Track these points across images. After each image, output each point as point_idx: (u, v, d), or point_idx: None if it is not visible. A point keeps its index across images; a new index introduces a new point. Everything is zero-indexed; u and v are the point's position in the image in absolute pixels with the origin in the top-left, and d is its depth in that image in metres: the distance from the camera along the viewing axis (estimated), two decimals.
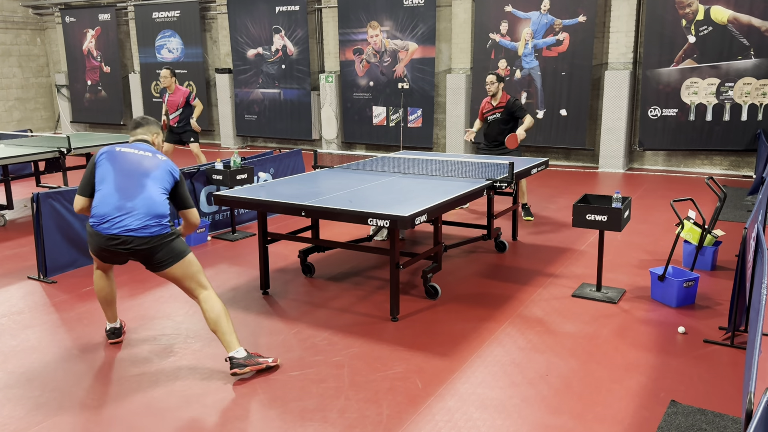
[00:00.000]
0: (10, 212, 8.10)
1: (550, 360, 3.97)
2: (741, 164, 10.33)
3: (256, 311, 4.83)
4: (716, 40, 9.84)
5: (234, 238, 6.90)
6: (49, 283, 5.54)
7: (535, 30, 11.02)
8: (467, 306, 4.86)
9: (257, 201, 4.81)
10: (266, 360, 3.85)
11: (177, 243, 3.86)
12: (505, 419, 3.33)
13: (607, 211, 4.74)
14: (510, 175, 5.26)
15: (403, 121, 12.50)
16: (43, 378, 3.85)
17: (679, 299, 4.74)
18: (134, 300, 5.10)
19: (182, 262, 3.84)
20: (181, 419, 3.39)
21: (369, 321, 4.61)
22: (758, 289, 2.99)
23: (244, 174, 6.71)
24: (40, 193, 5.58)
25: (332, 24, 13.08)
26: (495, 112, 7.29)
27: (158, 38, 15.11)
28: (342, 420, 3.34)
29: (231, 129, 14.55)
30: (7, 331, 4.56)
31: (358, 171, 6.09)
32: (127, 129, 16.12)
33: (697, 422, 3.25)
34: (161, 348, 4.23)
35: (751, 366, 2.32)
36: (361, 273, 5.68)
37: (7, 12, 16.57)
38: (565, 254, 6.11)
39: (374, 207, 4.42)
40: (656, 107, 10.41)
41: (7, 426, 3.34)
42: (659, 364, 3.90)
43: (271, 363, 3.86)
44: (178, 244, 3.86)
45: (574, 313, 4.70)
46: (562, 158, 11.49)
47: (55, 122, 17.82)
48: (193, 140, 9.07)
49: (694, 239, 5.36)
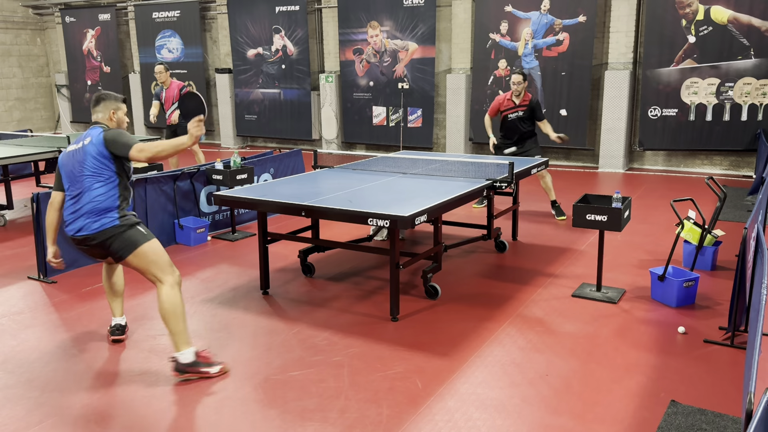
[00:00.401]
0: (10, 212, 8.10)
1: (550, 360, 3.97)
2: (741, 164, 10.33)
3: (256, 311, 4.83)
4: (716, 40, 9.84)
5: (234, 238, 6.90)
6: (49, 283, 5.54)
7: (535, 30, 11.02)
8: (467, 306, 4.86)
9: (257, 201, 4.81)
10: (208, 370, 3.78)
11: (129, 234, 3.79)
12: (505, 419, 3.33)
13: (607, 211, 4.74)
14: (510, 175, 5.26)
15: (403, 121, 12.50)
16: (43, 378, 3.85)
17: (679, 299, 4.74)
18: (134, 300, 5.10)
19: (137, 253, 3.78)
20: (181, 419, 3.39)
21: (369, 321, 4.61)
22: (758, 289, 2.99)
23: (244, 174, 6.71)
24: (40, 193, 5.58)
25: (332, 24, 13.08)
26: (518, 110, 7.38)
27: (158, 38, 15.11)
28: (342, 420, 3.34)
29: (231, 129, 14.55)
30: (7, 331, 4.56)
31: (358, 171, 6.09)
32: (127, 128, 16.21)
33: (697, 422, 3.25)
34: (161, 348, 4.23)
35: (751, 366, 2.32)
36: (361, 273, 5.68)
37: (7, 12, 16.57)
38: (565, 254, 6.11)
39: (374, 207, 4.42)
40: (656, 107, 10.41)
41: (7, 426, 3.34)
42: (659, 364, 3.90)
43: (214, 373, 3.78)
44: (131, 235, 3.80)
45: (574, 313, 4.70)
46: (562, 158, 11.49)
47: (55, 122, 17.82)
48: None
49: (694, 239, 5.36)
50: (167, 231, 6.66)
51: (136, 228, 3.84)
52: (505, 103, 7.45)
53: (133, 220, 3.87)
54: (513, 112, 7.37)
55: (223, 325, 4.59)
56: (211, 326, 4.57)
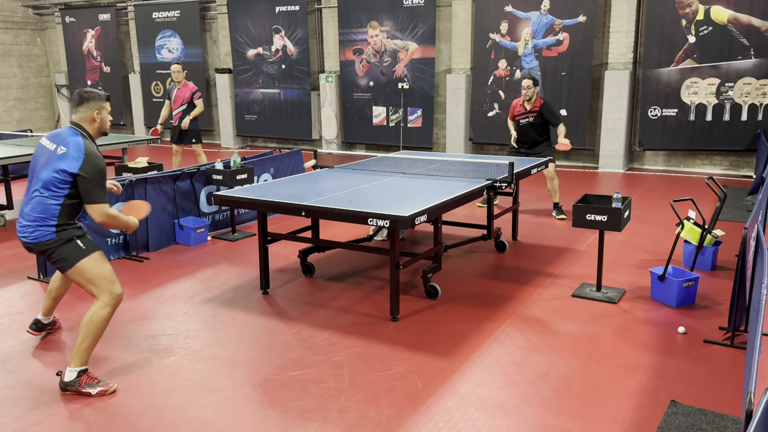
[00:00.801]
0: (10, 212, 8.10)
1: (550, 360, 3.97)
2: (741, 164, 10.33)
3: (256, 311, 4.83)
4: (716, 40, 9.84)
5: (234, 238, 6.90)
6: (48, 283, 5.54)
7: (535, 30, 11.02)
8: (467, 306, 4.86)
9: (257, 201, 4.81)
10: (90, 391, 3.61)
11: (66, 249, 3.63)
12: (505, 419, 3.33)
13: (607, 211, 4.74)
14: (510, 175, 5.26)
15: (403, 121, 12.50)
16: (43, 378, 3.85)
17: (679, 299, 4.74)
18: (134, 300, 5.10)
19: (74, 269, 3.64)
20: (182, 419, 3.39)
21: (369, 321, 4.61)
22: (758, 289, 2.99)
23: (244, 174, 6.71)
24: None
25: (332, 24, 13.08)
26: (528, 116, 7.39)
27: (158, 38, 15.11)
28: (342, 420, 3.34)
29: (231, 129, 14.55)
30: (7, 331, 4.56)
31: (358, 171, 6.09)
32: (127, 128, 16.21)
33: (697, 422, 3.25)
34: (161, 348, 4.23)
35: (751, 366, 2.32)
36: (361, 273, 5.68)
37: (7, 12, 16.57)
38: (565, 254, 6.11)
39: (374, 207, 4.42)
40: (656, 107, 10.41)
41: (7, 426, 3.35)
42: (659, 364, 3.90)
43: (96, 393, 3.62)
44: (67, 250, 3.63)
45: (574, 313, 4.70)
46: (562, 158, 11.48)
47: (55, 122, 17.81)
48: (195, 141, 9.09)
49: (694, 239, 5.36)
50: (167, 231, 6.66)
51: (74, 242, 3.66)
52: (517, 109, 7.51)
53: (72, 234, 3.66)
54: (524, 118, 7.41)
55: (223, 325, 4.59)
56: (211, 326, 4.57)
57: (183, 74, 9.01)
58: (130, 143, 9.01)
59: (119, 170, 7.78)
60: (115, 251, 6.22)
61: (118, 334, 4.46)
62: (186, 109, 8.94)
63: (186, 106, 8.93)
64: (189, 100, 8.92)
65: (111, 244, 6.17)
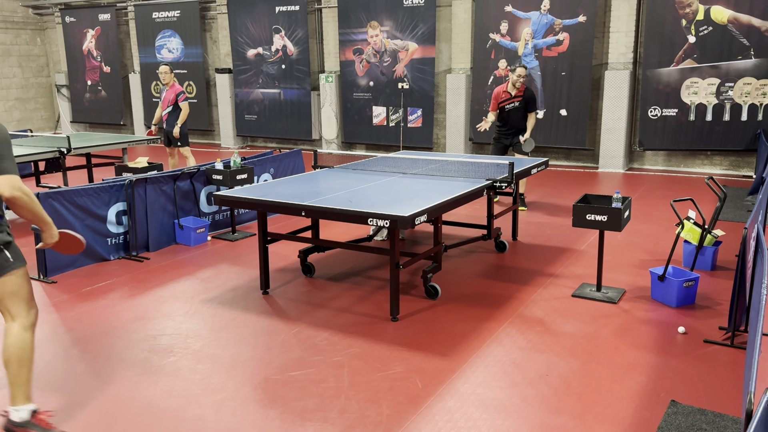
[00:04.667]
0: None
1: (550, 360, 3.97)
2: (741, 164, 10.33)
3: (256, 311, 4.83)
4: (716, 40, 9.84)
5: (234, 238, 6.90)
6: (49, 283, 5.54)
7: (535, 30, 11.02)
8: (467, 306, 4.86)
9: (257, 201, 4.81)
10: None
11: None
12: (505, 419, 3.33)
13: (607, 211, 4.74)
14: (510, 175, 5.26)
15: (403, 121, 12.50)
16: (43, 378, 3.84)
17: (679, 299, 4.74)
18: (134, 300, 5.10)
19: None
20: (181, 419, 3.39)
21: (369, 321, 4.61)
22: (758, 289, 2.99)
23: (244, 174, 6.71)
24: (40, 193, 5.57)
25: (332, 24, 13.08)
26: (514, 101, 7.68)
27: (158, 38, 15.11)
28: (342, 420, 3.34)
29: (231, 129, 14.55)
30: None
31: (358, 171, 6.09)
32: (127, 128, 16.20)
33: (697, 422, 3.25)
34: (161, 348, 4.23)
35: (751, 366, 2.32)
36: (361, 273, 5.68)
37: (7, 12, 16.57)
38: (565, 254, 6.11)
39: (374, 207, 4.42)
40: (656, 107, 10.41)
41: None
42: (659, 364, 3.89)
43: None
44: None
45: (574, 313, 4.70)
46: (562, 158, 11.49)
47: (55, 122, 17.82)
48: (180, 144, 9.03)
49: (694, 239, 5.36)
50: (167, 231, 6.66)
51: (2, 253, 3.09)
52: (502, 95, 7.78)
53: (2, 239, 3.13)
54: (509, 103, 7.71)
55: (223, 325, 4.59)
56: (211, 326, 4.57)
57: (171, 76, 8.96)
58: (130, 143, 9.01)
59: (119, 170, 7.78)
60: (115, 251, 6.22)
61: (118, 334, 4.46)
62: (172, 111, 8.93)
63: (172, 108, 8.92)
64: (174, 102, 8.89)
65: (111, 244, 6.17)
